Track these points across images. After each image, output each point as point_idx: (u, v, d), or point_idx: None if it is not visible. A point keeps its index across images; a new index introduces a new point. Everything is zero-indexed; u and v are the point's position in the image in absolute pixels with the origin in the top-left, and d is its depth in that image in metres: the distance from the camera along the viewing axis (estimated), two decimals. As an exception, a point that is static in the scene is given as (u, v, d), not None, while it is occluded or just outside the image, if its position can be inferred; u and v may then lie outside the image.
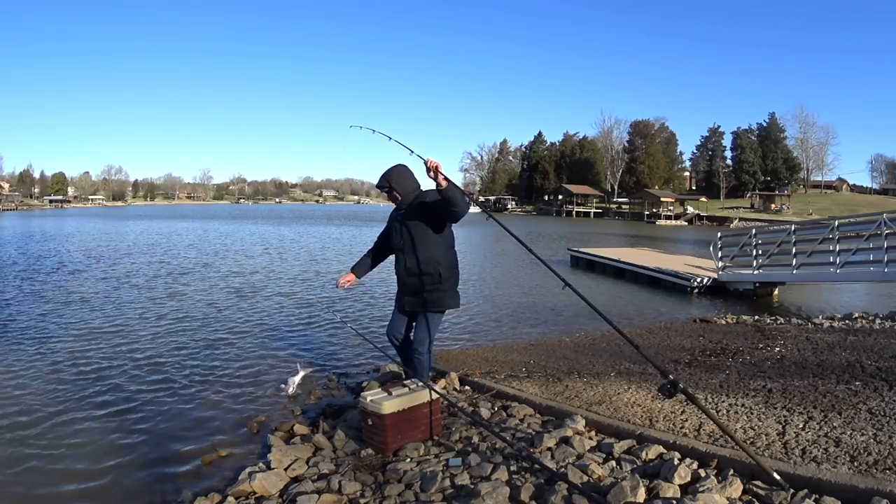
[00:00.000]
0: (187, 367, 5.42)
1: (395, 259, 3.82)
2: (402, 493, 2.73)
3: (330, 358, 5.83)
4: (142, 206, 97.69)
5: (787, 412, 3.14)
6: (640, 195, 64.60)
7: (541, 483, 2.59)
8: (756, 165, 68.93)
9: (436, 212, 3.53)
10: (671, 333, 6.49)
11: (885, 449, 2.51)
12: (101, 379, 5.01)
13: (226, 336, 6.68)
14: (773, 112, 72.53)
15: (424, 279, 3.62)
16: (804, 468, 2.42)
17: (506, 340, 6.76)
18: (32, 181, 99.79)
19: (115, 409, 4.31)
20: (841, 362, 4.24)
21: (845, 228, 9.13)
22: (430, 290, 3.63)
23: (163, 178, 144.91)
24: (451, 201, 3.32)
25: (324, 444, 3.41)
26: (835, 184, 78.45)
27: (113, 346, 6.18)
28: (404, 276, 3.72)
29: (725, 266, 10.84)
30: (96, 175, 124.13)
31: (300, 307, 8.61)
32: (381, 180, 3.74)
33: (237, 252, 18.10)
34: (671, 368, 4.54)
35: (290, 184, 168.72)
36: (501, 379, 4.43)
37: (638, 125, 77.60)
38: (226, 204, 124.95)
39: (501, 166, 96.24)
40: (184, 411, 4.29)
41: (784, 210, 55.79)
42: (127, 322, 7.38)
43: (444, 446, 3.24)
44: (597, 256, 14.43)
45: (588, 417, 3.34)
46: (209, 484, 3.16)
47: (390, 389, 3.30)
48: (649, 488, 2.42)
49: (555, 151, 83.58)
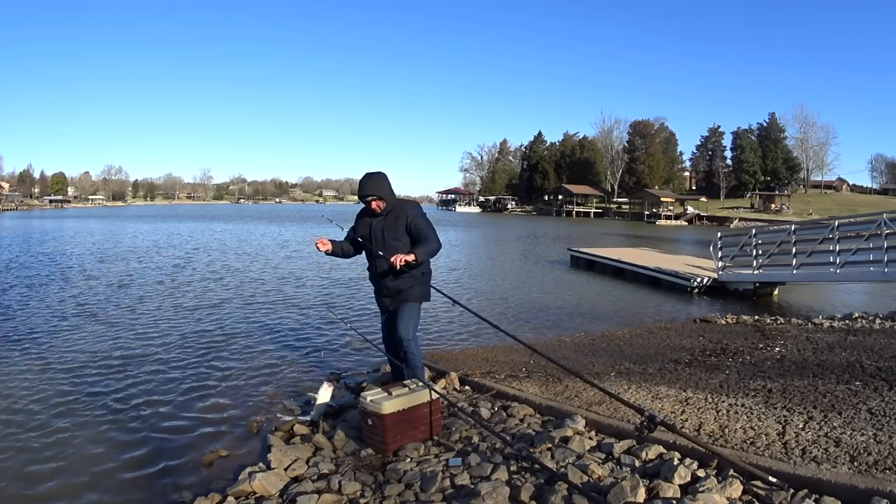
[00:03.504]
0: (187, 367, 5.42)
1: (371, 263, 3.87)
2: (402, 493, 2.73)
3: (330, 358, 5.82)
4: (142, 206, 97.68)
5: (787, 412, 3.14)
6: (640, 195, 64.56)
7: (541, 483, 2.59)
8: (756, 165, 68.90)
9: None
10: (671, 333, 6.49)
11: (885, 449, 2.51)
12: (101, 379, 5.01)
13: (226, 336, 6.68)
14: (773, 112, 72.59)
15: (405, 279, 3.72)
16: (804, 468, 2.42)
17: (506, 340, 6.74)
18: (32, 181, 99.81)
19: (115, 408, 4.31)
20: (841, 362, 4.24)
21: (845, 228, 9.13)
22: (411, 286, 3.77)
23: (163, 178, 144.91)
24: (430, 257, 3.71)
25: (324, 444, 3.42)
26: (835, 184, 78.42)
27: (113, 346, 6.18)
28: (385, 279, 3.79)
29: (725, 266, 10.83)
30: (96, 175, 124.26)
31: (300, 307, 8.60)
32: (367, 190, 3.69)
33: (237, 252, 18.09)
34: (671, 368, 4.55)
35: (290, 184, 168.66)
36: (501, 379, 4.43)
37: (638, 125, 77.53)
38: (226, 204, 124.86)
39: (501, 166, 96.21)
40: (184, 411, 4.29)
41: (784, 210, 55.77)
42: (126, 323, 7.38)
43: (444, 446, 3.24)
44: (597, 256, 14.43)
45: (588, 417, 3.34)
46: (209, 484, 3.16)
47: (390, 389, 3.30)
48: (649, 488, 2.42)
49: (555, 151, 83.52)
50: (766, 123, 71.90)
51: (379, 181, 3.71)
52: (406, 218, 3.70)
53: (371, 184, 3.69)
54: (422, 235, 3.66)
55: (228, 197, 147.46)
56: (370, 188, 3.68)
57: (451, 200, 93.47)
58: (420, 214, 3.75)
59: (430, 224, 3.76)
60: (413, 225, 3.68)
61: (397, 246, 3.66)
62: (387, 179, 3.76)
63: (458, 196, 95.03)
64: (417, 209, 3.80)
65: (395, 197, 3.79)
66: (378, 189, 3.69)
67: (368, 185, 3.69)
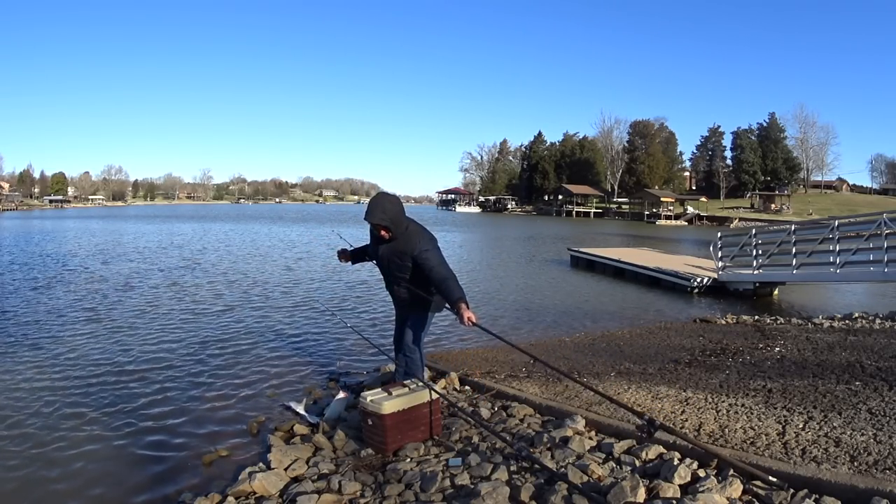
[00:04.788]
0: (187, 367, 5.41)
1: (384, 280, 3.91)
2: (402, 493, 2.73)
3: (330, 358, 5.82)
4: (142, 207, 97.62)
5: (787, 412, 3.14)
6: (640, 195, 64.56)
7: (541, 483, 2.59)
8: (756, 165, 68.90)
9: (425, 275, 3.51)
10: (671, 333, 6.49)
11: (885, 449, 2.51)
12: (101, 379, 5.01)
13: (226, 336, 6.68)
14: (773, 112, 72.59)
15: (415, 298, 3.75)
16: (804, 468, 2.42)
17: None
18: (32, 181, 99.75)
19: (115, 408, 4.31)
20: (841, 362, 4.24)
21: (845, 228, 9.13)
22: (421, 301, 3.76)
23: (163, 178, 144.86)
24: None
25: (324, 444, 3.42)
26: (835, 184, 78.41)
27: (113, 346, 6.17)
28: (395, 295, 3.86)
29: (725, 266, 10.83)
30: (96, 175, 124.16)
31: (300, 307, 8.60)
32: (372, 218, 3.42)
33: (238, 253, 18.09)
34: (671, 368, 4.54)
35: (290, 184, 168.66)
36: (501, 379, 4.43)
37: (638, 125, 77.52)
38: (226, 204, 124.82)
39: (501, 166, 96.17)
40: (184, 411, 4.29)
41: (784, 210, 55.77)
42: (126, 323, 7.37)
43: (444, 446, 3.24)
44: (597, 256, 14.43)
45: (588, 417, 3.34)
46: (209, 484, 3.16)
47: (390, 389, 3.30)
48: (649, 488, 2.42)
49: (555, 151, 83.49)
50: (766, 123, 71.91)
51: (386, 207, 3.42)
52: (412, 251, 3.46)
53: (377, 211, 3.42)
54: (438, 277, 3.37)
55: (228, 197, 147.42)
56: (376, 216, 3.41)
57: (451, 200, 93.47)
58: (429, 250, 3.45)
59: (442, 258, 3.47)
60: (421, 261, 3.43)
61: (402, 277, 3.64)
62: (395, 205, 3.48)
63: (458, 196, 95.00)
64: (428, 243, 3.48)
65: (404, 224, 3.50)
66: (384, 218, 3.42)
67: (375, 213, 3.41)
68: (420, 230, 3.56)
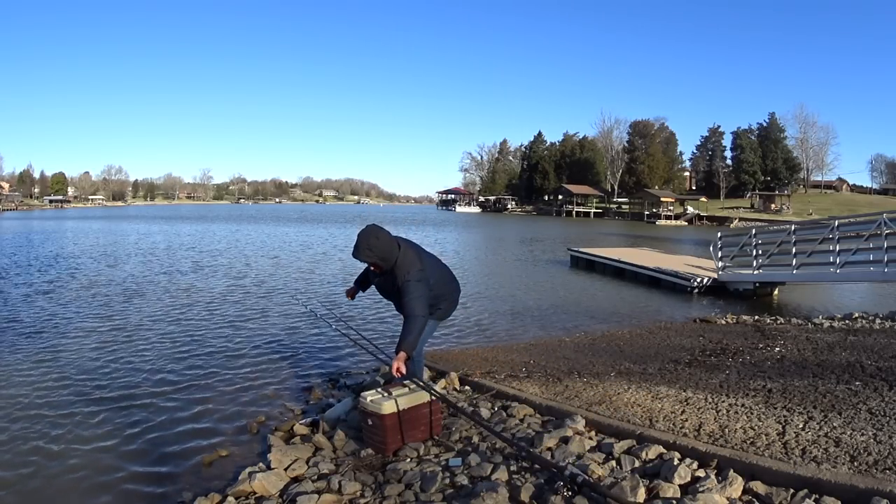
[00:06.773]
0: (187, 367, 5.42)
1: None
2: (402, 493, 2.73)
3: (330, 358, 5.82)
4: (142, 207, 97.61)
5: (787, 412, 3.14)
6: (640, 195, 64.53)
7: (541, 483, 2.59)
8: (756, 165, 68.87)
9: None
10: (671, 333, 6.49)
11: (885, 449, 2.51)
12: (101, 379, 5.01)
13: (225, 336, 6.68)
14: (773, 112, 72.51)
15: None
16: (804, 468, 2.41)
17: (506, 340, 6.76)
18: (32, 181, 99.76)
19: (116, 408, 4.31)
20: (841, 362, 4.24)
21: (845, 228, 9.12)
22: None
23: (163, 178, 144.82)
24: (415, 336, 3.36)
25: (324, 444, 3.42)
26: (835, 184, 78.39)
27: (113, 346, 6.17)
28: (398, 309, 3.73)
29: (725, 266, 10.83)
30: (96, 175, 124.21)
31: (300, 308, 8.60)
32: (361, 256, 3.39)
33: (238, 253, 18.09)
34: (671, 368, 4.54)
35: (290, 184, 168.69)
36: (501, 379, 4.42)
37: (638, 125, 77.47)
38: (226, 204, 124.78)
39: (501, 166, 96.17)
40: (184, 411, 4.29)
41: (784, 210, 55.73)
42: (127, 323, 7.38)
43: (444, 446, 3.24)
44: (597, 256, 14.43)
45: (588, 417, 3.34)
46: (209, 484, 3.16)
47: (390, 389, 3.30)
48: (649, 488, 2.42)
49: (555, 151, 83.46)
50: (766, 123, 71.86)
51: (372, 244, 3.37)
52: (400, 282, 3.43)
53: (364, 249, 3.38)
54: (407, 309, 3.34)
55: (228, 197, 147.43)
56: (363, 255, 3.39)
57: (451, 200, 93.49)
58: (410, 281, 3.39)
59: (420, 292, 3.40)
60: (401, 287, 3.41)
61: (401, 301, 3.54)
62: (382, 240, 3.41)
63: (458, 196, 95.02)
64: (412, 275, 3.42)
65: (394, 255, 3.45)
66: (371, 255, 3.39)
67: (362, 251, 3.38)
68: (411, 260, 3.50)
